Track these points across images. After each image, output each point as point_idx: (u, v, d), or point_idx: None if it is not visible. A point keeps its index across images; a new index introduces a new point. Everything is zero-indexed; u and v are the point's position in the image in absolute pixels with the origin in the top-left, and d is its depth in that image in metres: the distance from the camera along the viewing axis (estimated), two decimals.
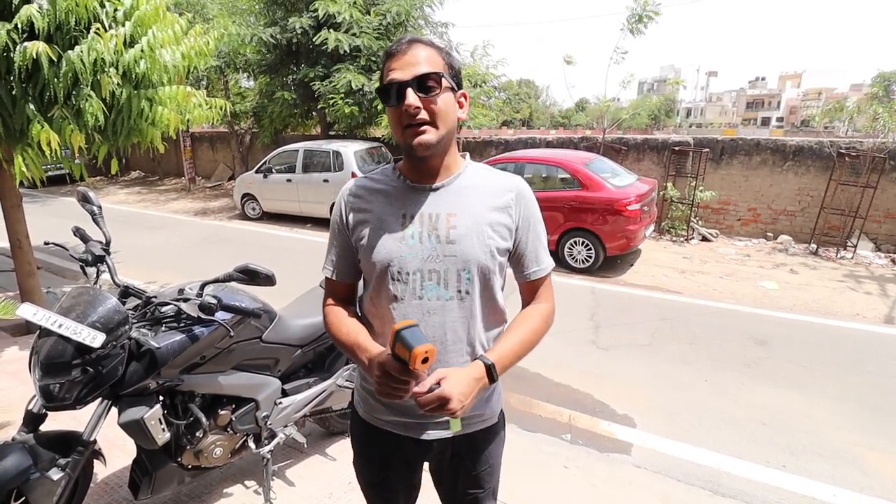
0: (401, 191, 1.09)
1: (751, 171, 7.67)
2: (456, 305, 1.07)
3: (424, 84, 0.98)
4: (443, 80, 1.00)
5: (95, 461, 1.86)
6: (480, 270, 1.07)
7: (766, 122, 62.35)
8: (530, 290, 1.17)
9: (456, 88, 1.05)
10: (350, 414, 1.27)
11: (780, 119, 62.51)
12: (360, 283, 1.21)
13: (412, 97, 0.97)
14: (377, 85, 1.03)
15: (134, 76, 3.10)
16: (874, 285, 5.67)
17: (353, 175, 8.08)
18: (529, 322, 1.13)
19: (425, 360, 0.86)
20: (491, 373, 1.01)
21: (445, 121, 1.01)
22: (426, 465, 1.26)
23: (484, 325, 1.12)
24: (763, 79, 75.56)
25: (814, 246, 7.04)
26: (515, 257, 1.14)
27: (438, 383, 0.94)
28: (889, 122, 6.90)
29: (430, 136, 1.00)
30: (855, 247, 6.81)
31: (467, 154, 1.17)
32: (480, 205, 1.08)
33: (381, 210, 1.09)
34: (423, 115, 0.98)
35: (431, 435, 1.14)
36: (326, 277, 1.20)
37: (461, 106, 1.07)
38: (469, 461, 1.19)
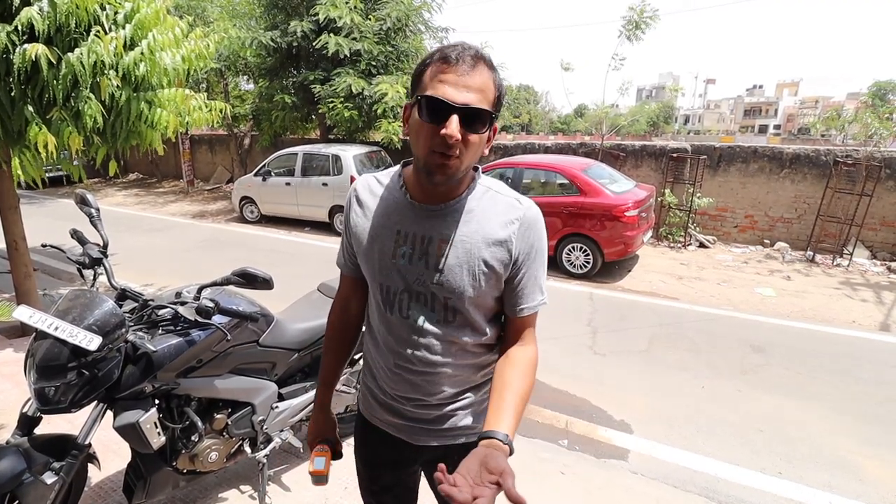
0: (400, 205, 1.04)
1: (748, 179, 7.71)
2: (443, 329, 1.04)
3: (472, 117, 0.89)
4: (491, 119, 0.92)
5: (90, 465, 1.85)
6: (467, 302, 1.02)
7: (763, 129, 62.67)
8: (516, 327, 1.07)
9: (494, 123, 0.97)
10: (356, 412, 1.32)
11: (777, 127, 62.85)
12: None
13: (455, 127, 0.87)
14: (407, 86, 0.95)
15: (133, 79, 3.10)
16: (870, 293, 5.69)
17: (353, 179, 8.09)
18: (525, 380, 1.00)
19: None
20: (510, 447, 0.88)
21: (474, 156, 0.94)
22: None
23: (473, 349, 1.08)
24: (761, 87, 76.04)
25: (810, 253, 7.07)
26: (508, 290, 1.05)
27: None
28: (882, 131, 6.96)
29: (453, 169, 0.92)
30: (851, 254, 6.84)
31: (479, 168, 1.06)
32: (478, 234, 1.00)
33: (378, 221, 1.06)
34: (459, 147, 0.90)
35: (421, 441, 1.14)
36: (341, 270, 1.23)
37: (489, 141, 0.97)
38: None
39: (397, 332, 1.06)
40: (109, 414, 1.72)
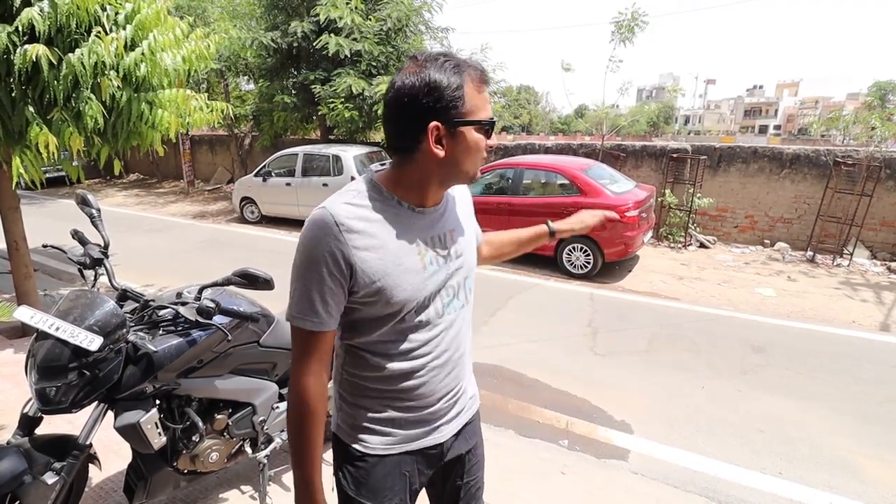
0: (405, 218, 1.01)
1: (748, 179, 7.71)
2: (466, 312, 1.15)
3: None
4: None
5: (90, 465, 1.85)
6: (473, 271, 1.17)
7: (763, 129, 62.68)
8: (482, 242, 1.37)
9: None
10: (341, 457, 1.16)
11: (777, 127, 62.85)
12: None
13: (494, 137, 1.03)
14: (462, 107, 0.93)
15: (134, 79, 3.11)
16: (870, 293, 5.69)
17: (353, 180, 8.09)
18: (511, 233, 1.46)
19: None
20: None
21: None
22: None
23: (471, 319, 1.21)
24: (761, 87, 76.01)
25: (810, 253, 7.07)
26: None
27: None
28: (883, 131, 6.96)
29: None
30: (851, 254, 6.84)
31: None
32: (462, 215, 1.17)
33: (394, 244, 0.98)
34: None
35: (444, 436, 1.14)
36: (314, 332, 0.97)
37: None
38: (471, 453, 1.24)
39: (431, 335, 1.06)
40: (110, 414, 1.72)
